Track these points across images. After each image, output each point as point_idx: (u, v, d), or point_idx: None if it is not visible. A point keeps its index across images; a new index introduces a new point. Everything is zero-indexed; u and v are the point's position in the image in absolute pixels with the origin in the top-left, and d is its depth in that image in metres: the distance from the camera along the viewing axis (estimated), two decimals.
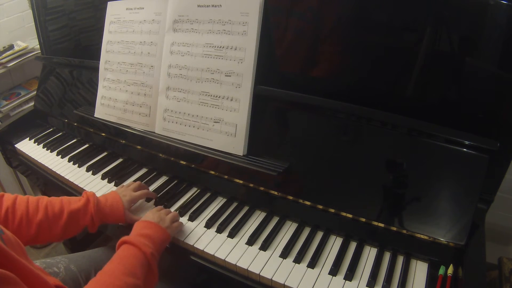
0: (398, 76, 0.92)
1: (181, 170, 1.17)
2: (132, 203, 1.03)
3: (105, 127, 1.33)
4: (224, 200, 1.09)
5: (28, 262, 0.70)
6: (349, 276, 0.84)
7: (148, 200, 1.11)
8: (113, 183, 1.20)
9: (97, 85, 1.35)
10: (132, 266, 0.76)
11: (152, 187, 1.17)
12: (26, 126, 1.57)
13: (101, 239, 1.89)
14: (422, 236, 0.85)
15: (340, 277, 0.84)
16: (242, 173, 1.04)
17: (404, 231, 0.86)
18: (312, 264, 0.87)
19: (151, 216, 0.93)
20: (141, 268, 0.78)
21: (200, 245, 0.94)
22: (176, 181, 1.18)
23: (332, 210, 0.93)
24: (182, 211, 1.04)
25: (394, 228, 0.87)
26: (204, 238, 0.96)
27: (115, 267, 0.76)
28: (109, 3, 1.29)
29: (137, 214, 1.04)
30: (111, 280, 0.73)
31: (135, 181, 1.19)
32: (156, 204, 1.09)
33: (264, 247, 0.92)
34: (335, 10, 0.95)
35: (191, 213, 1.03)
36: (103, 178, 1.23)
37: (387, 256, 0.89)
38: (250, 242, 0.94)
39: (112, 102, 1.30)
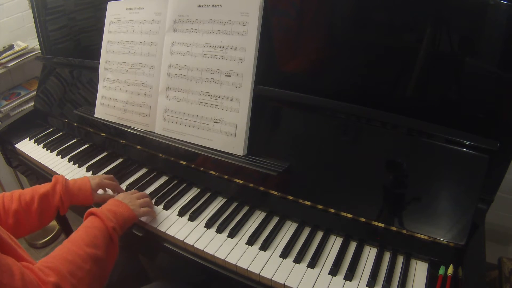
0: (398, 76, 0.92)
1: (181, 170, 1.17)
2: (100, 187, 1.09)
3: (105, 127, 1.33)
4: (224, 200, 1.09)
5: (14, 243, 0.75)
6: (349, 276, 0.84)
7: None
8: None
9: (97, 85, 1.35)
10: (94, 237, 0.83)
11: (152, 187, 1.17)
12: (26, 126, 1.57)
13: None
14: (422, 236, 0.85)
15: (340, 277, 0.84)
16: (242, 173, 1.04)
17: (404, 231, 0.86)
18: (312, 264, 0.87)
19: (123, 196, 1.01)
20: (103, 239, 0.84)
21: (200, 245, 0.94)
22: (176, 181, 1.18)
23: (332, 210, 0.93)
24: (182, 211, 1.04)
25: (394, 228, 0.87)
26: (204, 238, 0.96)
27: (79, 236, 0.83)
28: (109, 3, 1.29)
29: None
30: (74, 248, 0.79)
31: (135, 181, 1.20)
32: (156, 204, 1.09)
33: (264, 247, 0.92)
34: (335, 11, 0.95)
35: (191, 213, 1.03)
36: None
37: (387, 256, 0.89)
38: (250, 242, 0.94)
39: (112, 102, 1.30)
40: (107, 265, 0.85)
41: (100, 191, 1.10)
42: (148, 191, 1.15)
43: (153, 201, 1.10)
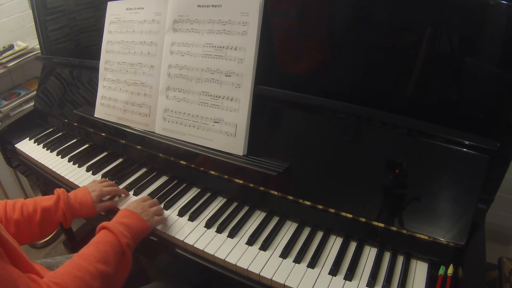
0: (398, 76, 0.92)
1: (181, 170, 1.17)
2: (101, 197, 1.06)
3: (105, 127, 1.33)
4: (224, 200, 1.09)
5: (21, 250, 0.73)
6: (349, 276, 0.84)
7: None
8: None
9: (97, 85, 1.35)
10: (106, 253, 0.80)
11: (152, 187, 1.17)
12: (26, 126, 1.57)
13: None
14: (422, 236, 0.85)
15: (340, 277, 0.84)
16: (242, 173, 1.04)
17: (404, 231, 0.86)
18: (312, 264, 0.87)
19: (134, 205, 0.97)
20: (115, 256, 0.81)
21: (200, 245, 0.94)
22: (176, 181, 1.18)
23: (332, 210, 0.93)
24: (182, 211, 1.04)
25: (394, 228, 0.87)
26: (204, 238, 0.96)
27: (91, 252, 0.80)
28: (109, 3, 1.29)
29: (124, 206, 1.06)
30: (85, 264, 0.77)
31: (135, 181, 1.19)
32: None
33: (264, 247, 0.92)
34: (335, 10, 0.95)
35: (191, 213, 1.03)
36: (103, 178, 1.23)
37: (387, 256, 0.89)
38: (250, 242, 0.94)
39: (112, 102, 1.30)
40: (118, 282, 0.82)
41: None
42: (148, 191, 1.15)
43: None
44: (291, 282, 0.83)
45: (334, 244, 0.93)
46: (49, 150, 1.41)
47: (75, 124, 1.44)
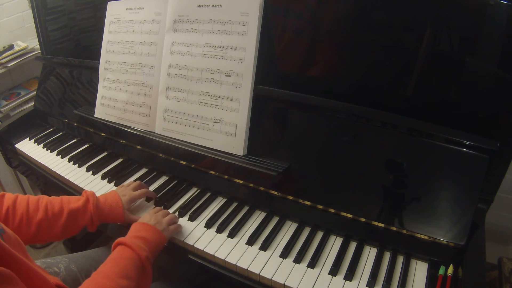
0: (398, 76, 0.92)
1: (181, 170, 1.17)
2: (131, 202, 1.03)
3: (105, 127, 1.33)
4: (224, 200, 1.09)
5: (29, 260, 0.71)
6: (349, 276, 0.84)
7: (148, 200, 1.11)
8: (113, 183, 1.20)
9: (97, 85, 1.35)
10: (126, 269, 0.77)
11: (152, 187, 1.17)
12: (26, 126, 1.57)
13: (101, 239, 1.89)
14: (422, 236, 0.85)
15: (340, 277, 0.84)
16: (242, 173, 1.04)
17: (404, 231, 0.86)
18: (312, 264, 0.87)
19: (148, 217, 0.94)
20: (135, 271, 0.78)
21: (200, 245, 0.94)
22: (176, 181, 1.18)
23: (332, 210, 0.94)
24: (182, 211, 1.04)
25: (394, 228, 0.87)
26: (204, 238, 0.96)
27: (110, 269, 0.77)
28: (109, 3, 1.29)
29: (137, 214, 1.05)
30: (105, 281, 0.73)
31: (135, 181, 1.19)
32: (156, 204, 1.09)
33: (264, 247, 0.92)
34: (335, 10, 0.95)
35: (191, 213, 1.03)
36: (103, 178, 1.23)
37: (387, 256, 0.89)
38: (250, 242, 0.94)
39: (112, 102, 1.30)
40: None
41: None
42: None
43: (153, 202, 1.10)
44: (291, 282, 0.83)
45: (334, 244, 0.93)
46: (49, 150, 1.41)
47: (75, 124, 1.44)
